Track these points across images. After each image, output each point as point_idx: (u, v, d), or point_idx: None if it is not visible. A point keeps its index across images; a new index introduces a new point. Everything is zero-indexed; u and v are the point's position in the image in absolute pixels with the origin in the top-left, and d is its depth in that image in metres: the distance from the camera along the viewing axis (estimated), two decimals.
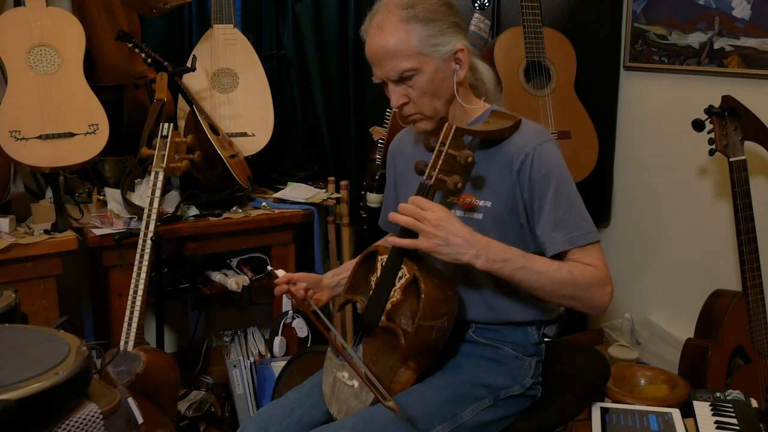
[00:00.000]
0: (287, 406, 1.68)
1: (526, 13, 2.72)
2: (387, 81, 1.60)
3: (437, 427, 1.55)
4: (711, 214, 2.91)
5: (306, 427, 1.63)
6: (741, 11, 2.73)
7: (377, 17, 1.58)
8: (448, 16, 1.58)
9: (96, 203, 2.54)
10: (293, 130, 3.18)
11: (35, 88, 2.26)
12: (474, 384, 1.62)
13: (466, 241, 1.46)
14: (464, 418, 1.58)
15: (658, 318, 3.15)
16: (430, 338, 1.50)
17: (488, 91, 1.72)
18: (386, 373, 1.55)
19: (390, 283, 1.54)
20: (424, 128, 1.64)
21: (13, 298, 1.64)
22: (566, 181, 1.57)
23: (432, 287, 1.48)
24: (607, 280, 1.56)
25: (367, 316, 1.58)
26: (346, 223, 3.00)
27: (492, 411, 1.62)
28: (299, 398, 1.70)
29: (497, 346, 1.67)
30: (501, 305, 1.64)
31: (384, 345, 1.56)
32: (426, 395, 1.57)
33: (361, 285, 1.63)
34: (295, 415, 1.65)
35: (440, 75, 1.58)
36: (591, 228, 1.58)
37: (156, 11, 2.60)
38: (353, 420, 1.52)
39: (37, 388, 1.15)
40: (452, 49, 1.57)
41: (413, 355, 1.53)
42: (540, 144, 1.56)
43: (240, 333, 2.88)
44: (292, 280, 1.74)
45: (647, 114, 3.16)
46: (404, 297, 1.52)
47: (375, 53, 1.58)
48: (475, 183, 1.62)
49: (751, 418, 1.81)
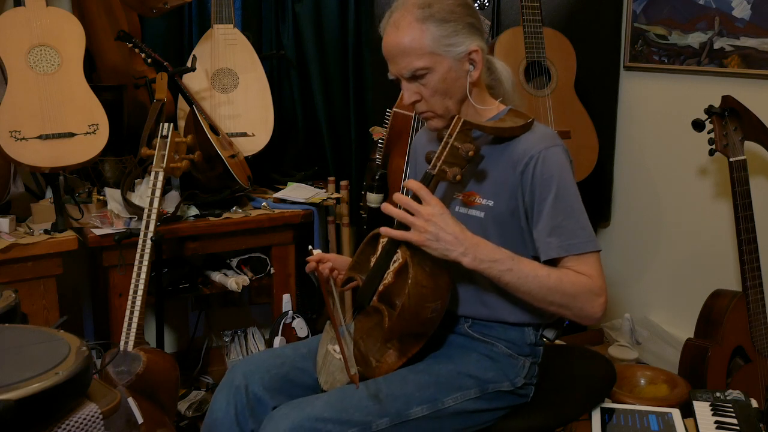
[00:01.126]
0: (279, 358, 1.73)
1: (526, 13, 2.72)
2: (400, 78, 1.61)
3: (415, 408, 1.56)
4: (711, 214, 2.91)
5: (289, 384, 1.68)
6: (741, 11, 2.73)
7: (395, 15, 1.60)
8: (464, 17, 1.59)
9: (96, 203, 2.54)
10: (293, 130, 3.18)
11: (35, 88, 2.26)
12: (461, 373, 1.63)
13: (455, 239, 1.48)
14: (445, 404, 1.59)
15: (658, 318, 3.15)
16: (414, 323, 1.53)
17: (506, 92, 1.73)
18: (374, 352, 1.59)
19: (384, 265, 1.57)
20: (436, 126, 1.66)
21: (13, 298, 1.64)
22: (568, 188, 1.57)
23: (421, 274, 1.50)
24: (599, 291, 1.55)
25: (361, 295, 1.62)
26: (346, 223, 3.00)
27: (477, 402, 1.62)
28: (293, 356, 1.74)
29: (491, 343, 1.67)
30: (496, 304, 1.65)
31: (375, 325, 1.59)
32: (408, 377, 1.59)
33: (364, 265, 1.66)
34: (283, 370, 1.70)
35: (453, 75, 1.59)
36: (589, 237, 1.57)
37: (156, 11, 2.60)
38: (331, 393, 1.57)
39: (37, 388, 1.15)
40: (466, 50, 1.58)
41: (396, 337, 1.56)
42: (546, 148, 1.56)
43: (240, 333, 2.88)
44: (323, 259, 1.77)
45: (647, 114, 3.16)
46: (395, 280, 1.55)
47: (390, 50, 1.60)
48: (481, 181, 1.63)
49: (751, 418, 1.81)
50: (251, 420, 1.65)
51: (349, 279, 1.69)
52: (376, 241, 1.65)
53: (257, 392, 1.66)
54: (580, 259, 1.56)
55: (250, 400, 1.66)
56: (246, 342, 2.84)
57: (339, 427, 1.49)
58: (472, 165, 1.62)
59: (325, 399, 1.55)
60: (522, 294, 1.54)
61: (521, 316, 1.65)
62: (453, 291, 1.66)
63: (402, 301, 1.49)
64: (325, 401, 1.54)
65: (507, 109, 1.68)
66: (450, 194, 1.68)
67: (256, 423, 1.65)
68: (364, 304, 1.61)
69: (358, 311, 1.65)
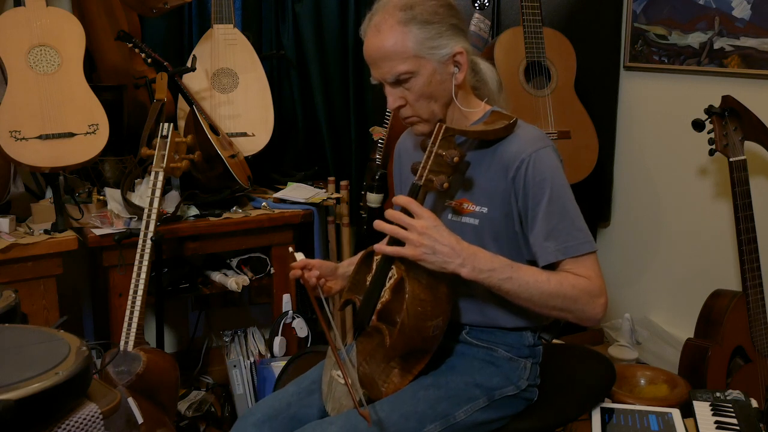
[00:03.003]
0: (285, 400, 1.69)
1: (526, 13, 2.72)
2: (384, 83, 1.58)
3: (428, 427, 1.54)
4: (711, 214, 2.91)
5: (299, 424, 1.64)
6: (741, 11, 2.73)
7: (375, 18, 1.56)
8: (447, 18, 1.55)
9: (96, 203, 2.54)
10: (293, 130, 3.18)
11: (35, 88, 2.26)
12: (468, 384, 1.61)
13: (452, 250, 1.45)
14: (457, 417, 1.58)
15: (658, 318, 3.15)
16: (416, 338, 1.49)
17: (491, 92, 1.69)
18: (379, 373, 1.56)
19: (381, 283, 1.54)
20: (421, 131, 1.62)
21: (13, 298, 1.64)
22: (561, 189, 1.55)
23: (418, 288, 1.47)
24: (599, 292, 1.53)
25: (360, 315, 1.58)
26: (346, 223, 3.00)
27: (486, 412, 1.61)
28: (297, 393, 1.71)
29: (491, 348, 1.66)
30: (493, 311, 1.63)
31: (377, 345, 1.56)
32: (418, 394, 1.57)
33: (361, 285, 1.63)
34: (290, 412, 1.66)
35: (437, 78, 1.55)
36: (585, 238, 1.55)
37: (156, 11, 2.60)
38: (341, 420, 1.53)
39: (37, 388, 1.15)
40: (450, 52, 1.55)
41: (399, 355, 1.53)
42: (536, 151, 1.54)
43: (240, 333, 2.88)
44: (308, 266, 1.72)
45: (647, 114, 3.16)
46: (392, 297, 1.51)
47: (372, 55, 1.56)
48: (472, 188, 1.61)
49: (751, 418, 1.81)
50: None
51: (348, 301, 1.66)
52: (371, 259, 1.61)
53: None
54: (578, 261, 1.54)
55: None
56: (246, 342, 2.84)
57: None
58: (460, 172, 1.59)
59: (340, 425, 1.52)
60: (522, 301, 1.52)
61: (519, 321, 1.64)
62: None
63: (401, 317, 1.46)
64: (340, 426, 1.51)
65: (490, 111, 1.65)
66: (441, 203, 1.65)
67: None
68: (364, 325, 1.57)
69: (358, 333, 1.61)
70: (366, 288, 1.60)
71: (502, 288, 1.49)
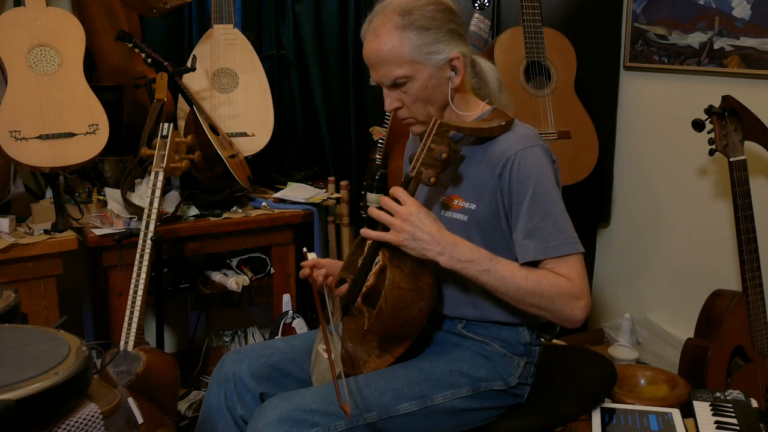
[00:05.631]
0: (269, 349, 1.78)
1: (526, 13, 2.72)
2: (381, 85, 1.61)
3: (404, 404, 1.57)
4: (711, 214, 2.91)
5: (278, 373, 1.73)
6: (741, 11, 2.73)
7: (375, 21, 1.59)
8: (445, 23, 1.57)
9: (96, 203, 2.54)
10: (293, 130, 3.18)
11: (35, 88, 2.26)
12: (453, 371, 1.63)
13: (432, 238, 1.49)
14: (435, 401, 1.59)
15: (658, 318, 3.15)
16: (393, 324, 1.54)
17: (492, 92, 1.71)
18: (360, 352, 1.62)
19: (368, 267, 1.59)
20: (418, 132, 1.65)
21: (13, 298, 1.63)
22: (546, 188, 1.55)
23: (399, 276, 1.52)
24: (579, 293, 1.52)
25: (347, 296, 1.64)
26: (346, 223, 3.00)
27: (468, 400, 1.62)
28: (283, 347, 1.78)
29: (486, 342, 1.67)
30: (486, 305, 1.64)
31: (360, 326, 1.61)
32: (398, 373, 1.60)
33: (354, 266, 1.68)
34: (272, 359, 1.74)
35: (434, 82, 1.58)
36: (568, 239, 1.54)
37: (156, 11, 2.60)
38: (321, 387, 1.59)
39: (37, 388, 1.15)
40: (447, 57, 1.57)
41: (376, 338, 1.58)
42: (523, 149, 1.55)
43: (240, 333, 2.88)
44: (318, 265, 1.80)
45: (647, 114, 3.16)
46: (376, 282, 1.56)
47: (370, 58, 1.60)
48: (462, 184, 1.63)
49: (751, 418, 1.81)
50: (239, 405, 1.71)
51: (342, 280, 1.72)
52: (365, 243, 1.66)
53: (244, 379, 1.71)
54: (561, 261, 1.54)
55: (238, 387, 1.71)
56: (246, 342, 2.84)
57: (326, 419, 1.51)
58: (452, 168, 1.61)
59: (314, 391, 1.57)
60: (500, 295, 1.54)
61: (512, 317, 1.65)
62: (443, 292, 1.66)
63: (380, 302, 1.51)
64: (315, 393, 1.56)
65: (490, 110, 1.66)
66: (435, 198, 1.67)
67: (244, 409, 1.70)
68: (349, 306, 1.63)
69: (344, 313, 1.67)
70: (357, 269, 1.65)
71: (480, 280, 1.52)
